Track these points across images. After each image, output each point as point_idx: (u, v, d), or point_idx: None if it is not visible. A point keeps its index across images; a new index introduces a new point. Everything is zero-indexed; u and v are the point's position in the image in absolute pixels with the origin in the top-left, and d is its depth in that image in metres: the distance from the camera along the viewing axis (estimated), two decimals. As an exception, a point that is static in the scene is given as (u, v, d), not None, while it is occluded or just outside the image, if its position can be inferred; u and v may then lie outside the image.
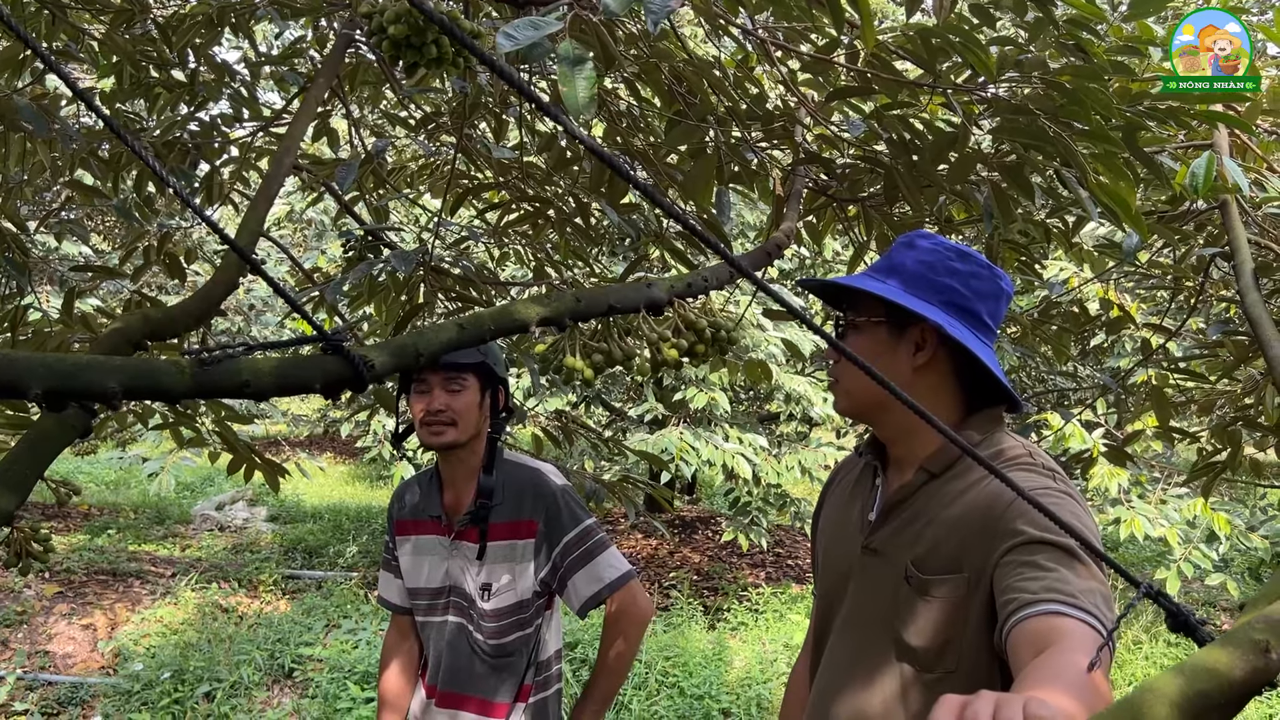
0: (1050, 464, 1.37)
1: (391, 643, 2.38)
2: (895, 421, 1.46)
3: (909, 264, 1.44)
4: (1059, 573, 1.18)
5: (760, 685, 5.48)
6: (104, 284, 7.91)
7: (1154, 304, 5.55)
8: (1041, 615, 1.15)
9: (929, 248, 1.44)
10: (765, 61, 2.39)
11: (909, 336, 1.42)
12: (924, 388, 1.42)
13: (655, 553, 8.81)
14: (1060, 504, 1.25)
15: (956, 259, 1.43)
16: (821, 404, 7.48)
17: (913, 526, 1.40)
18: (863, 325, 1.46)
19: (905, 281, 1.43)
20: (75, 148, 2.70)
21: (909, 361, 1.42)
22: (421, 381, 2.10)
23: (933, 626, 1.34)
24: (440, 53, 1.39)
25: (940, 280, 1.42)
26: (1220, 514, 5.69)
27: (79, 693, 5.13)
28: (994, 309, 1.45)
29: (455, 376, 2.09)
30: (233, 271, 1.71)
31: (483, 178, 3.07)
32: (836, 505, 1.63)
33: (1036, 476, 1.33)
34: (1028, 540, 1.23)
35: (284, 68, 3.14)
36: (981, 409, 1.45)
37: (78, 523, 8.83)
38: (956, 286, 1.42)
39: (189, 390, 0.84)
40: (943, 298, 1.41)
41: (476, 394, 2.13)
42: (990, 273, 1.44)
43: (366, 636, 5.88)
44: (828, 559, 1.58)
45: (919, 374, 1.42)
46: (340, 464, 13.21)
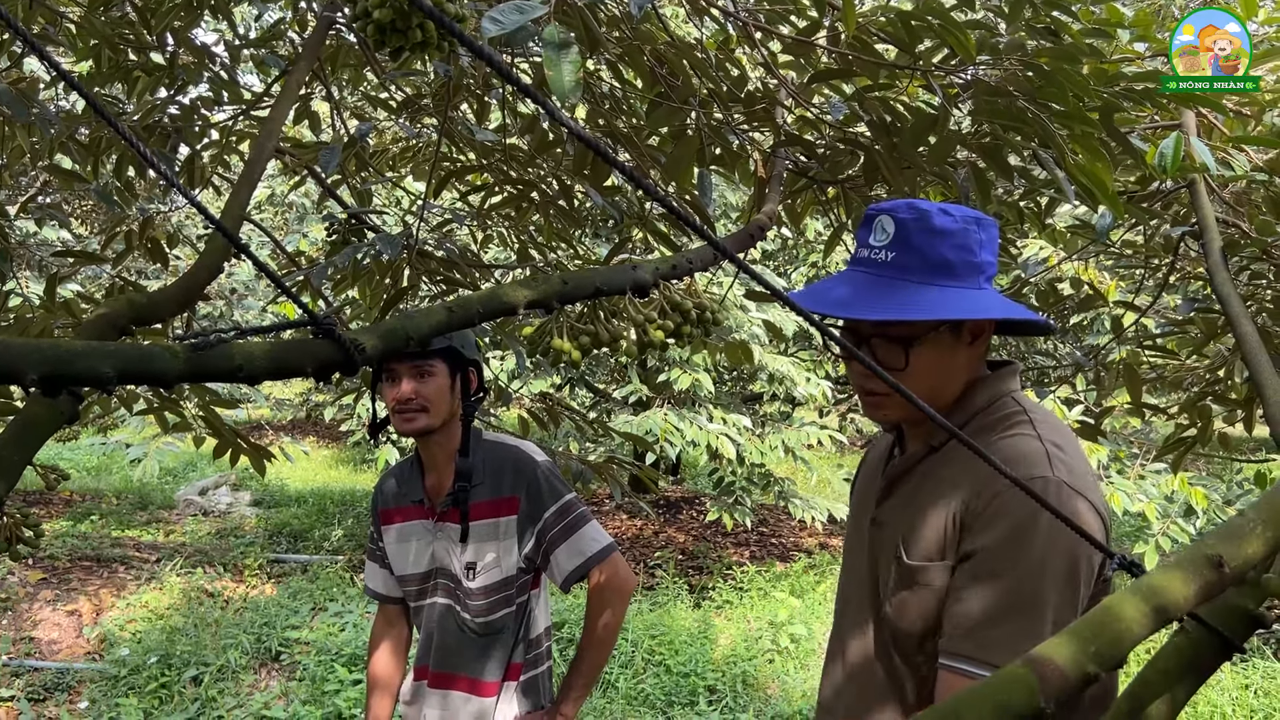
0: (1058, 439, 1.31)
1: (379, 630, 2.40)
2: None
3: (949, 254, 1.33)
4: (976, 603, 1.22)
5: (745, 662, 5.54)
6: (83, 269, 7.84)
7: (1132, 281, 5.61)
8: (941, 671, 1.23)
9: (955, 229, 1.34)
10: (746, 43, 2.40)
11: (966, 329, 1.36)
12: (973, 359, 1.39)
13: (640, 533, 8.86)
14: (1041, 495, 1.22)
15: (977, 228, 1.36)
16: (804, 384, 7.52)
17: (912, 501, 1.38)
18: (928, 338, 1.35)
19: (950, 275, 1.34)
20: (54, 132, 2.69)
21: (966, 353, 1.37)
22: (390, 371, 2.12)
23: (914, 611, 1.33)
24: (425, 37, 1.40)
25: (977, 259, 1.35)
26: (1198, 489, 5.77)
27: (65, 678, 5.13)
28: (991, 246, 1.39)
29: (423, 363, 2.11)
30: (217, 256, 1.72)
31: (465, 160, 3.07)
32: (864, 477, 1.62)
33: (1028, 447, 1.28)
34: (978, 551, 1.25)
35: (264, 50, 3.13)
36: (993, 368, 1.42)
37: (60, 509, 8.79)
38: (988, 259, 1.36)
39: (183, 375, 0.85)
40: (985, 275, 1.37)
41: (446, 378, 2.14)
42: (993, 226, 1.39)
43: (353, 619, 5.90)
44: (849, 530, 1.59)
45: (974, 357, 1.39)
46: (324, 448, 13.18)
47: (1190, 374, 3.44)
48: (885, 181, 2.15)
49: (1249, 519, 0.92)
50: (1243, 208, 2.54)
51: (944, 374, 1.37)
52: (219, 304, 10.17)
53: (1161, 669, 0.95)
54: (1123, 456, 6.39)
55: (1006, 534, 1.22)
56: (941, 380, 1.38)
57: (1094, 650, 0.77)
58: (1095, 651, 0.77)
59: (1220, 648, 0.96)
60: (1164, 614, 0.82)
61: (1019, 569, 1.20)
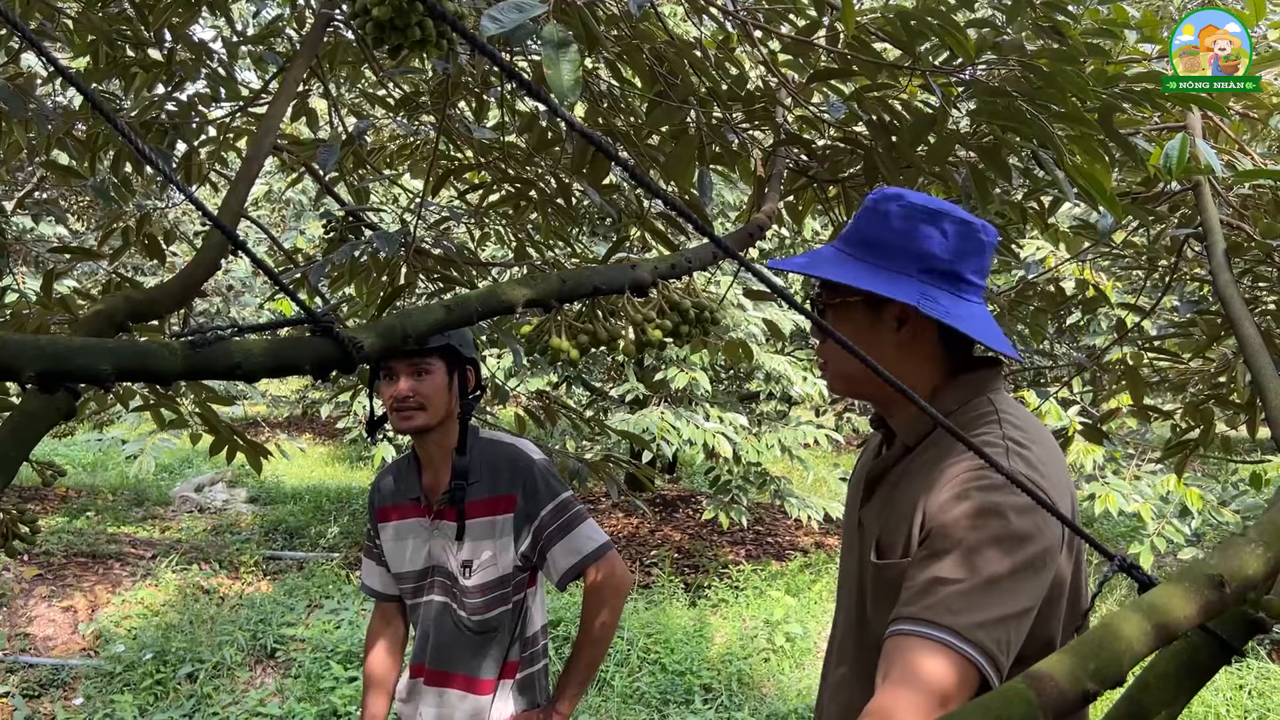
0: (1020, 436, 1.28)
1: (375, 629, 2.40)
2: (880, 396, 1.42)
3: (883, 235, 1.36)
4: (925, 574, 1.16)
5: (741, 661, 5.54)
6: (80, 265, 7.83)
7: (1129, 282, 5.61)
8: (887, 640, 1.16)
9: (898, 212, 1.36)
10: (746, 42, 2.40)
11: (888, 313, 1.36)
12: (912, 358, 1.37)
13: (636, 531, 8.85)
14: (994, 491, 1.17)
15: (928, 220, 1.34)
16: (801, 383, 7.52)
17: (888, 503, 1.36)
18: (839, 307, 1.39)
19: (879, 254, 1.36)
20: (51, 128, 2.68)
21: (892, 337, 1.36)
22: (388, 368, 2.12)
23: (888, 612, 1.25)
24: (423, 34, 1.39)
25: (916, 247, 1.34)
26: (1193, 489, 5.78)
27: (60, 674, 5.12)
28: (978, 264, 1.37)
29: (421, 361, 2.10)
30: (214, 252, 1.71)
31: (463, 158, 3.06)
32: (854, 479, 1.59)
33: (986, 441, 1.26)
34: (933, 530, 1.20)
35: (262, 47, 3.12)
36: (969, 371, 1.39)
37: (55, 505, 8.78)
38: (934, 251, 1.33)
39: (181, 372, 0.85)
40: (921, 265, 1.33)
41: (444, 376, 2.14)
42: (967, 228, 1.35)
43: (349, 616, 5.89)
44: (843, 531, 1.57)
45: (905, 349, 1.37)
46: (320, 445, 13.17)
47: (1193, 376, 3.44)
48: (884, 181, 2.15)
49: (1250, 538, 0.93)
50: (1248, 211, 2.54)
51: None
52: (216, 301, 10.16)
53: (1161, 672, 0.94)
54: (1118, 457, 6.40)
55: (961, 514, 1.18)
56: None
57: (1093, 668, 0.78)
58: (1094, 669, 0.78)
59: (1219, 651, 0.96)
60: (1165, 632, 0.82)
61: (969, 542, 1.15)
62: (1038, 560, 1.16)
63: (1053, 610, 1.26)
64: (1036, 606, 1.17)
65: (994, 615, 1.11)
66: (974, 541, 1.15)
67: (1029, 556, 1.15)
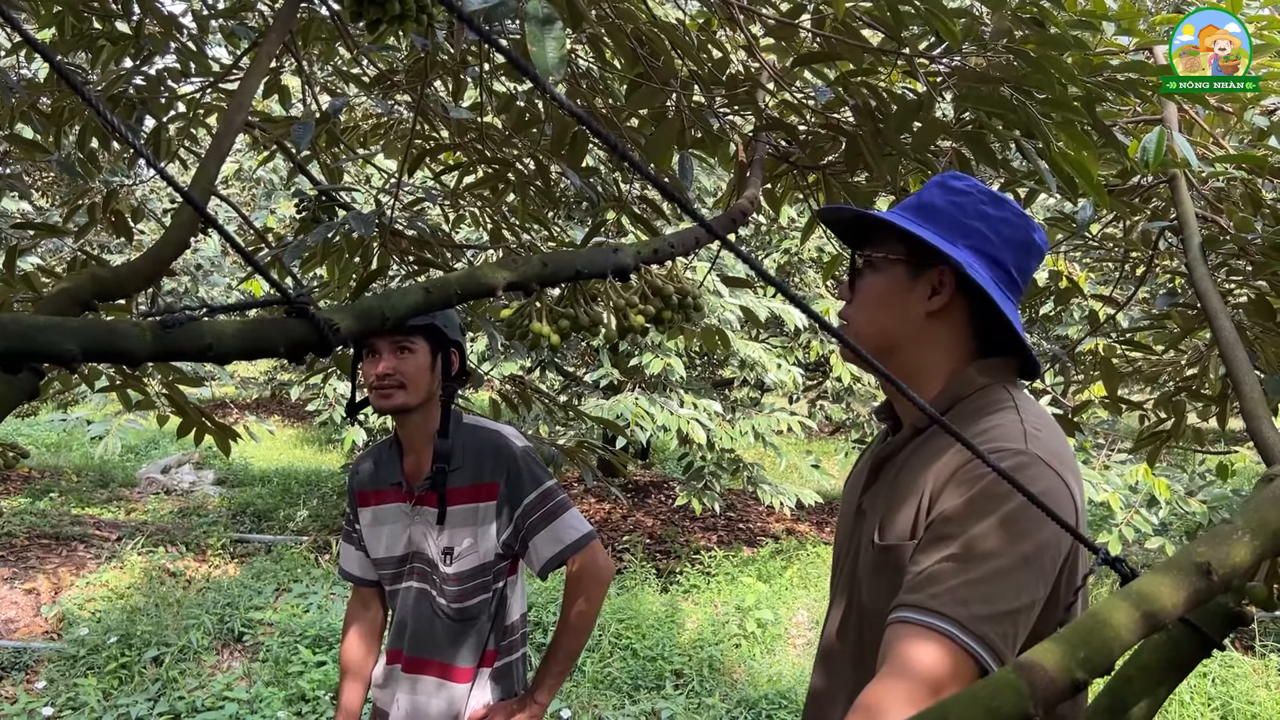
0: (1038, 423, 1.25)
1: (353, 613, 2.37)
2: (900, 369, 1.37)
3: (939, 202, 1.35)
4: (929, 561, 1.14)
5: (712, 647, 5.56)
6: (44, 242, 7.68)
7: (1102, 274, 5.65)
8: (888, 627, 1.13)
9: (962, 188, 1.36)
10: (728, 25, 2.37)
11: (926, 278, 1.34)
12: (936, 335, 1.35)
13: (609, 517, 8.85)
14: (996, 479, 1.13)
15: (989, 202, 1.34)
16: (775, 370, 7.52)
17: (893, 486, 1.33)
18: (879, 263, 1.37)
19: (933, 220, 1.34)
20: (15, 100, 2.61)
21: (923, 305, 1.34)
22: (370, 346, 2.09)
23: (884, 593, 1.24)
24: (404, 8, 1.36)
25: (969, 224, 1.33)
26: (1161, 479, 5.85)
27: (22, 658, 5.05)
28: (1022, 262, 1.35)
29: (404, 340, 2.08)
30: (184, 230, 1.66)
31: (439, 139, 3.01)
32: (854, 475, 1.56)
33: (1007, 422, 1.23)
34: (940, 516, 1.18)
35: (233, 21, 3.05)
36: (992, 357, 1.36)
37: (18, 485, 8.64)
38: (985, 232, 1.33)
39: (151, 353, 0.82)
40: (970, 242, 1.33)
41: (427, 357, 2.11)
42: (1023, 221, 1.35)
43: (318, 600, 5.85)
44: (838, 529, 1.54)
45: (932, 319, 1.34)
46: (289, 427, 13.05)
47: (1165, 369, 3.46)
48: (867, 167, 2.13)
49: (1236, 526, 0.92)
50: (1222, 204, 2.55)
51: (886, 309, 1.37)
52: (184, 280, 10.01)
53: (1142, 665, 0.94)
54: (1088, 447, 6.46)
55: (970, 499, 1.15)
56: (884, 317, 1.37)
57: (1082, 657, 0.77)
58: (1084, 658, 0.77)
59: (1200, 645, 0.95)
60: (1153, 621, 0.81)
61: (977, 529, 1.12)
62: (1046, 546, 1.14)
63: (1058, 603, 1.22)
64: (1044, 599, 1.14)
65: (1001, 608, 1.09)
66: (983, 530, 1.12)
67: (1039, 546, 1.13)
